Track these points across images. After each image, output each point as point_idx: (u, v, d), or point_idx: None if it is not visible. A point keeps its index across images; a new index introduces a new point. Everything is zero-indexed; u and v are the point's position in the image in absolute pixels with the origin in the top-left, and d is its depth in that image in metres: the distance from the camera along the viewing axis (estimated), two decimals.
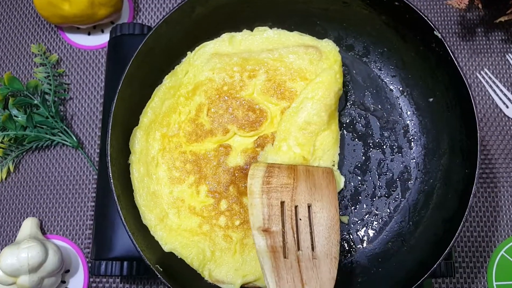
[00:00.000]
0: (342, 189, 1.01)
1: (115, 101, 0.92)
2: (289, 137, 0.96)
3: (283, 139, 0.96)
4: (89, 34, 1.27)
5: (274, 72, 1.02)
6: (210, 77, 1.02)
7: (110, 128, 0.91)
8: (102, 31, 1.27)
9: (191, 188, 0.98)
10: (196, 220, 0.96)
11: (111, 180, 0.89)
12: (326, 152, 0.98)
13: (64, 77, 1.24)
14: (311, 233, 0.84)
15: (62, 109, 1.22)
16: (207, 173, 0.98)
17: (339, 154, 1.01)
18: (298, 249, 0.82)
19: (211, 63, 1.03)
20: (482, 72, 1.21)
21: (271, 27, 1.06)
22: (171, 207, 0.97)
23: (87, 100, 1.23)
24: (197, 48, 1.05)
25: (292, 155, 0.96)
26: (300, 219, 0.85)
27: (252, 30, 1.06)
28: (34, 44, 1.25)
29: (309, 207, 0.86)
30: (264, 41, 1.05)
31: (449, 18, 1.25)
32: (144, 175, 0.97)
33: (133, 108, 0.99)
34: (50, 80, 1.19)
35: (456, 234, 0.83)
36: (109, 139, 0.91)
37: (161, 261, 0.91)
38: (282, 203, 0.85)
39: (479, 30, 1.22)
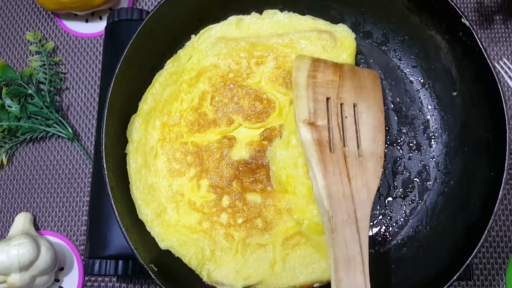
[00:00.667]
0: None
1: (111, 85, 0.87)
2: None
3: (292, 132, 0.91)
4: (86, 21, 1.22)
5: (284, 59, 0.96)
6: (215, 63, 0.97)
7: (105, 114, 0.86)
8: (101, 18, 1.22)
9: (191, 181, 0.93)
10: (196, 217, 0.92)
11: (105, 171, 0.85)
12: None
13: (60, 66, 1.20)
14: (356, 131, 0.84)
15: (58, 99, 1.18)
16: (209, 166, 0.93)
17: None
18: (344, 145, 0.82)
19: (217, 47, 0.98)
20: (500, 62, 1.15)
21: (281, 10, 1.00)
22: (170, 201, 0.92)
23: (84, 90, 1.18)
24: (201, 31, 1.00)
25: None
26: (346, 117, 0.85)
27: (261, 13, 1.00)
28: (29, 31, 1.21)
29: (354, 106, 0.86)
30: (274, 25, 0.99)
31: (465, 5, 1.19)
32: (141, 166, 0.92)
33: (132, 95, 0.94)
34: (45, 69, 1.15)
35: (480, 242, 0.78)
36: (104, 126, 0.86)
37: (156, 260, 0.86)
38: (328, 99, 0.85)
39: (498, 18, 1.17)
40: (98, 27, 1.21)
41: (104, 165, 0.85)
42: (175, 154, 0.94)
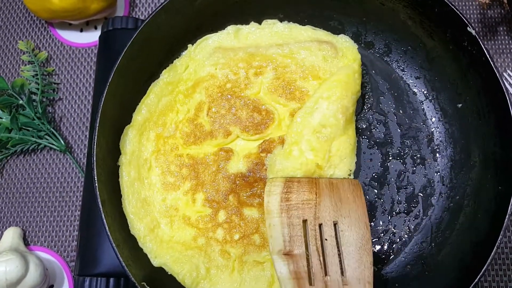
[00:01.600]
0: None
1: (104, 95, 0.85)
2: (301, 141, 0.88)
3: (294, 143, 0.88)
4: (81, 30, 1.20)
5: (284, 70, 0.95)
6: (212, 73, 0.96)
7: (97, 124, 0.84)
8: (95, 28, 1.20)
9: (186, 195, 0.91)
10: (191, 232, 0.89)
11: (96, 184, 0.82)
12: (342, 160, 0.90)
13: (53, 76, 1.17)
14: (339, 255, 0.76)
15: (50, 110, 1.15)
16: (205, 179, 0.91)
17: (355, 163, 0.93)
18: (326, 274, 0.75)
19: (214, 57, 0.96)
20: (505, 73, 1.13)
21: (281, 20, 0.99)
22: (163, 216, 0.90)
23: (77, 101, 1.15)
24: (199, 41, 0.98)
25: (304, 161, 0.87)
26: (326, 239, 0.77)
27: (260, 23, 0.99)
28: (22, 40, 1.18)
29: (335, 225, 0.79)
30: (273, 35, 0.97)
31: (469, 16, 1.17)
32: (134, 179, 0.90)
33: (125, 105, 0.92)
34: (38, 79, 1.12)
35: (489, 260, 0.76)
36: (95, 136, 0.83)
37: (148, 277, 0.83)
38: (305, 221, 0.78)
39: (501, 29, 1.15)
40: (92, 36, 1.18)
41: (95, 176, 0.82)
42: (169, 167, 0.92)
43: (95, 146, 0.83)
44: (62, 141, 1.10)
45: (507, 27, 1.16)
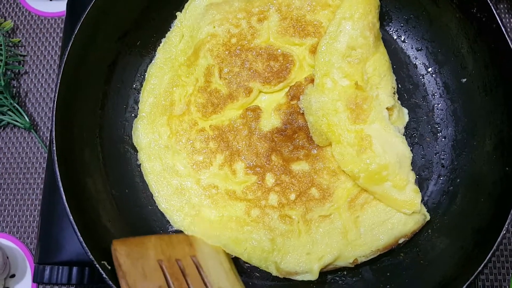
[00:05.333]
0: None
1: (67, 52, 0.78)
2: (332, 70, 0.83)
3: (324, 74, 0.83)
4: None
5: (288, 8, 0.89)
6: (212, 32, 0.89)
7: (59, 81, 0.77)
8: None
9: (222, 169, 0.85)
10: (241, 206, 0.84)
11: (54, 143, 0.75)
12: (382, 78, 0.86)
13: (19, 47, 1.11)
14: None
15: (15, 84, 1.09)
16: (239, 146, 0.85)
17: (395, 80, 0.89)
18: None
19: (209, 16, 0.90)
20: None
21: None
22: (203, 198, 0.84)
23: (45, 74, 1.09)
24: (186, 5, 0.93)
25: (342, 89, 0.82)
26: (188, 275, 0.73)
27: None
28: None
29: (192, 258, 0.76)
30: None
31: None
32: (160, 172, 0.86)
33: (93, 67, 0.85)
34: (1, 50, 1.05)
35: (494, 247, 0.70)
36: (57, 92, 0.76)
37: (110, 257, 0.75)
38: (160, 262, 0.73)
39: (502, 6, 1.14)
40: (62, 6, 1.13)
41: (54, 140, 0.75)
42: (194, 145, 0.86)
43: (55, 104, 0.77)
44: (26, 118, 1.04)
45: (507, 5, 1.11)
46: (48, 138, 1.04)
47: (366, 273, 0.85)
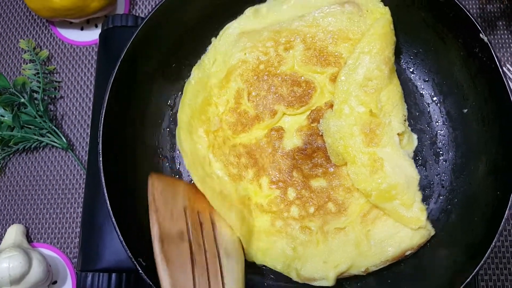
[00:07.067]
0: None
1: (107, 92, 0.84)
2: (350, 98, 0.88)
3: (343, 101, 0.88)
4: (82, 29, 1.20)
5: (312, 39, 0.94)
6: (243, 59, 0.95)
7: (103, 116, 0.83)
8: (96, 26, 1.20)
9: (252, 183, 0.91)
10: (267, 219, 0.89)
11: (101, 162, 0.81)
12: (395, 107, 0.90)
13: (54, 74, 1.18)
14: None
15: (51, 109, 1.16)
16: (265, 163, 0.91)
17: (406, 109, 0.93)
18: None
19: (240, 43, 0.95)
20: (504, 68, 1.12)
21: None
22: (242, 205, 0.89)
23: (78, 98, 1.16)
24: (221, 32, 0.98)
25: (357, 115, 0.87)
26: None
27: None
28: (23, 39, 1.18)
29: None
30: (293, 8, 0.96)
31: (467, 11, 1.16)
32: (203, 177, 0.89)
33: (126, 102, 0.91)
34: (39, 77, 1.12)
35: (482, 261, 0.76)
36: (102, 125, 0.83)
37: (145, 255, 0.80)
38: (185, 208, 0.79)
39: (501, 23, 1.15)
40: (93, 35, 1.19)
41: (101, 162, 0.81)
42: (229, 159, 0.92)
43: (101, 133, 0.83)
44: (63, 139, 1.11)
45: (506, 22, 1.15)
46: (83, 157, 1.12)
47: (370, 282, 0.89)
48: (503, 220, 0.76)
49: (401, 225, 0.86)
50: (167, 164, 0.98)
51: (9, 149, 1.11)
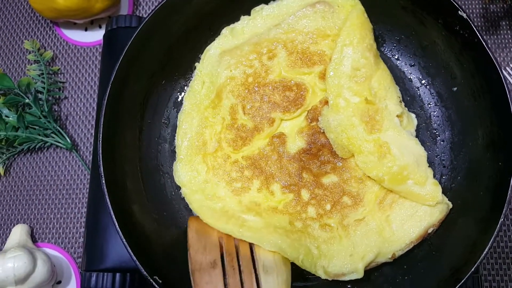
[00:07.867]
0: None
1: (107, 93, 0.85)
2: (343, 91, 0.89)
3: (337, 95, 0.90)
4: (86, 29, 1.22)
5: (293, 44, 0.95)
6: (230, 76, 0.96)
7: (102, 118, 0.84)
8: (100, 27, 1.22)
9: (261, 192, 0.91)
10: (285, 219, 0.89)
11: (101, 166, 0.82)
12: (388, 90, 0.91)
13: (59, 75, 1.19)
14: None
15: (56, 109, 1.16)
16: (272, 170, 0.91)
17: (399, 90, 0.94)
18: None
19: (224, 62, 0.97)
20: (508, 68, 1.14)
21: (267, 2, 1.00)
22: (247, 212, 0.90)
23: (83, 99, 1.17)
24: (202, 56, 1.00)
25: (354, 106, 0.89)
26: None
27: (250, 14, 1.00)
28: (27, 40, 1.19)
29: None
30: (266, 20, 0.98)
31: (471, 11, 1.19)
32: (203, 200, 0.91)
33: (129, 100, 0.93)
34: (43, 78, 1.14)
35: (495, 233, 0.76)
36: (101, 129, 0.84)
37: (159, 272, 0.81)
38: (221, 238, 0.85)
39: (504, 23, 1.16)
40: (97, 35, 1.20)
41: (101, 156, 0.82)
42: (231, 175, 0.93)
43: (100, 139, 0.83)
44: (68, 139, 1.11)
45: (509, 22, 1.16)
46: (88, 157, 1.12)
47: (385, 268, 0.89)
48: (509, 188, 0.77)
49: (418, 204, 0.87)
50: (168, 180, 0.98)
51: (13, 150, 1.11)
